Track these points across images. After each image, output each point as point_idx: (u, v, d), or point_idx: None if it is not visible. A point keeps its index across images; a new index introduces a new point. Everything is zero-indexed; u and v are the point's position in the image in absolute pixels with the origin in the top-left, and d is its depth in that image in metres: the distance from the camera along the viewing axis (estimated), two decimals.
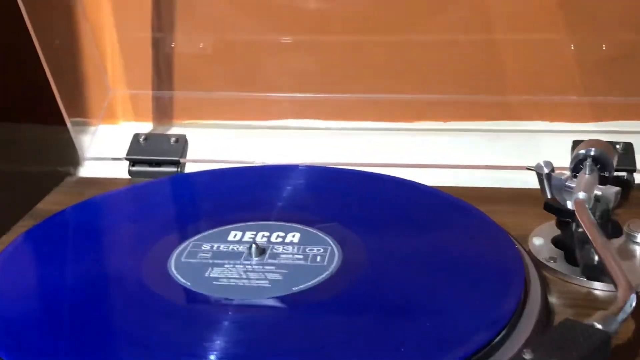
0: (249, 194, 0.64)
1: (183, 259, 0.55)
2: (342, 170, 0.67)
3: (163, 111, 0.79)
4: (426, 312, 0.49)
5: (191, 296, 0.51)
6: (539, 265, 0.55)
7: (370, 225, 0.58)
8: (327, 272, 0.52)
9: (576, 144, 0.64)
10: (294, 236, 0.56)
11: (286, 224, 0.58)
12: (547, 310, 0.50)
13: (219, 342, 0.47)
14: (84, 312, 0.50)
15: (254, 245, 0.54)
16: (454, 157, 0.71)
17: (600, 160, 0.58)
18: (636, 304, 0.45)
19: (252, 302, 0.50)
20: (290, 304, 0.50)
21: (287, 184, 0.64)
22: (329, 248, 0.55)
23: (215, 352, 0.46)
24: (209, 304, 0.50)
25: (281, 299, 0.50)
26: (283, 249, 0.55)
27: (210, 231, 0.58)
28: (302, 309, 0.49)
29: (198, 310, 0.50)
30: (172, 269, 0.53)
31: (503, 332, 0.47)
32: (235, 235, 0.57)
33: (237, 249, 0.55)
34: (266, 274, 0.52)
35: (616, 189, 0.54)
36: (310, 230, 0.57)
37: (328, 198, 0.62)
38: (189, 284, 0.52)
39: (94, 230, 0.60)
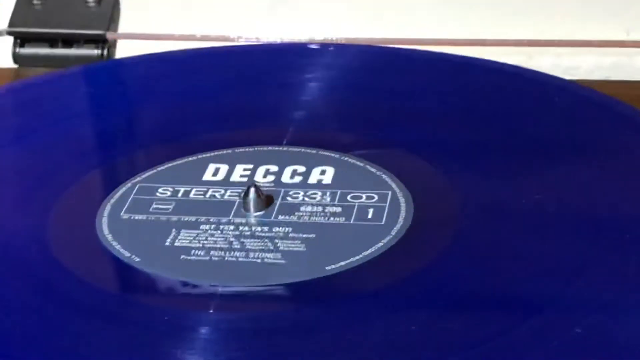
0: (236, 96, 0.65)
1: (123, 215, 0.55)
2: (401, 52, 0.68)
3: None
4: (570, 309, 0.48)
5: (141, 281, 0.51)
6: None
7: (459, 152, 0.59)
8: (387, 238, 0.52)
9: None
10: (323, 172, 0.57)
11: (308, 150, 0.59)
12: None
13: None
14: None
15: (252, 190, 0.55)
16: (599, 26, 0.73)
17: None
18: None
19: (252, 292, 0.50)
20: (323, 295, 0.50)
21: (305, 78, 0.65)
22: (389, 194, 0.55)
23: None
24: (173, 295, 0.50)
25: (306, 285, 0.50)
26: (305, 196, 0.55)
27: (170, 164, 0.59)
28: (345, 303, 0.49)
29: (154, 306, 0.50)
30: (105, 233, 0.54)
31: None
32: (217, 170, 0.58)
33: (221, 196, 0.56)
34: (277, 241, 0.52)
35: None
36: (353, 161, 0.58)
37: (379, 102, 0.63)
38: (136, 259, 0.52)
39: None
